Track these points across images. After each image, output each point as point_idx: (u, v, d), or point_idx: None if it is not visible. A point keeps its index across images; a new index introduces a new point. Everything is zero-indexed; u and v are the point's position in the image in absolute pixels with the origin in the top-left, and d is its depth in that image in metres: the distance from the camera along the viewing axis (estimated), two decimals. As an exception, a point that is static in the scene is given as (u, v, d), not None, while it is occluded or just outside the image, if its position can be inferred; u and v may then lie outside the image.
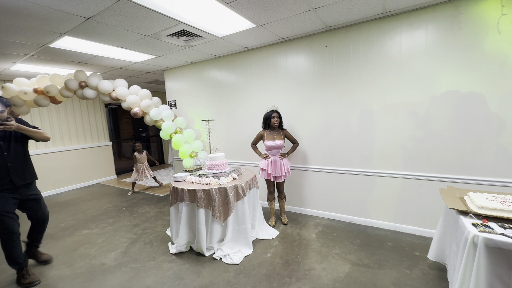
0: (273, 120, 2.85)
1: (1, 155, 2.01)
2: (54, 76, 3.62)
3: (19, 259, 2.13)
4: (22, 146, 2.16)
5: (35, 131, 2.14)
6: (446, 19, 2.29)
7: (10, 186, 2.05)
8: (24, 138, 2.15)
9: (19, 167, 2.11)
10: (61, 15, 2.13)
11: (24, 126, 2.04)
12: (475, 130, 2.30)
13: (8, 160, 2.03)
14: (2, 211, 2.01)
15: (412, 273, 2.07)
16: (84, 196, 4.77)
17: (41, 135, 2.17)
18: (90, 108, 5.68)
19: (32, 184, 2.25)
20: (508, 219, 1.45)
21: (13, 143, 2.08)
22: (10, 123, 1.91)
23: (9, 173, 2.03)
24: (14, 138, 2.09)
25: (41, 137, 2.18)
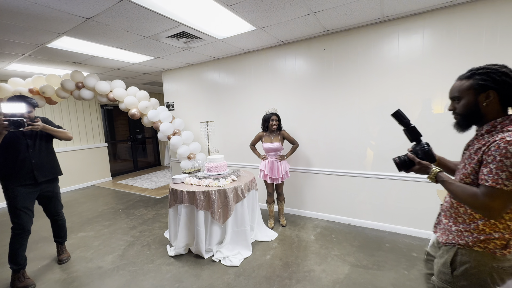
0: (271, 123, 2.86)
1: (26, 152, 2.13)
2: (50, 76, 3.58)
3: (20, 260, 2.14)
4: (46, 144, 2.29)
5: (59, 131, 2.28)
6: (442, 24, 2.35)
7: (32, 182, 2.16)
8: (49, 136, 2.29)
9: (43, 163, 2.23)
10: (61, 15, 2.11)
11: (49, 126, 2.19)
12: (469, 133, 2.35)
13: (32, 156, 2.16)
14: (21, 206, 2.10)
15: (410, 273, 2.09)
16: (79, 198, 4.69)
17: (64, 135, 2.31)
18: (86, 109, 5.61)
19: (53, 181, 2.36)
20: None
21: (38, 141, 2.21)
22: (37, 124, 2.04)
23: (32, 169, 2.15)
24: (39, 137, 2.22)
25: (64, 137, 2.32)
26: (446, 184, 1.02)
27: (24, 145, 2.13)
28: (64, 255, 2.52)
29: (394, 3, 2.19)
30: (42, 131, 2.20)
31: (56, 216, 2.45)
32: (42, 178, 2.21)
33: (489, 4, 2.16)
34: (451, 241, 1.03)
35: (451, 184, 1.00)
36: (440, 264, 1.06)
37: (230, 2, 2.03)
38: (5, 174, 2.08)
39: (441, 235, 1.10)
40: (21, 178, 2.11)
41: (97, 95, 3.74)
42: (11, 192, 2.08)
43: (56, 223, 2.48)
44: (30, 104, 2.07)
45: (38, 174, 2.18)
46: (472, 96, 0.99)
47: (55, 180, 2.39)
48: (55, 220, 2.47)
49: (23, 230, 2.12)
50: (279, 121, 2.92)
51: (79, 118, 5.48)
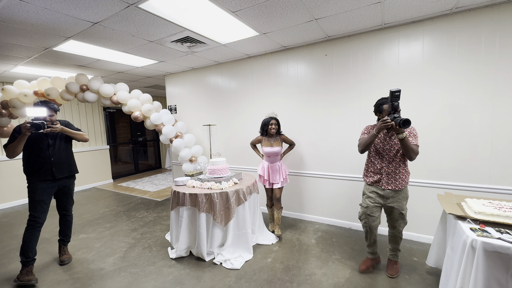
0: (270, 127, 2.81)
1: (47, 151, 2.33)
2: (55, 79, 3.63)
3: (30, 253, 2.23)
4: (65, 144, 2.48)
5: (76, 133, 2.47)
6: (441, 32, 2.39)
7: (51, 178, 2.34)
8: (68, 138, 2.50)
9: (61, 161, 2.40)
10: (69, 19, 2.17)
11: (67, 129, 2.39)
12: (470, 139, 2.38)
13: (52, 154, 2.34)
14: (39, 199, 2.27)
15: (411, 278, 2.10)
16: (80, 200, 4.70)
17: (81, 137, 2.51)
18: (89, 111, 5.66)
19: (69, 178, 2.51)
20: (504, 224, 1.50)
21: (58, 141, 2.41)
22: (56, 126, 2.24)
23: (51, 166, 2.33)
24: (59, 138, 2.43)
25: (80, 138, 2.50)
26: (406, 140, 1.83)
27: (46, 144, 2.33)
28: (66, 256, 2.53)
29: (395, 11, 2.24)
30: (62, 133, 2.41)
31: (65, 211, 2.57)
32: (59, 174, 2.38)
33: (487, 12, 2.21)
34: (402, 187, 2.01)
35: (408, 141, 1.85)
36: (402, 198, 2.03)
37: (234, 8, 2.08)
38: (28, 170, 2.29)
39: (394, 186, 2.00)
40: (42, 174, 2.30)
41: (101, 97, 3.79)
42: (32, 185, 2.28)
43: (65, 219, 2.58)
44: (51, 109, 2.29)
45: (56, 171, 2.36)
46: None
47: (71, 177, 2.55)
48: (64, 216, 2.58)
49: (37, 222, 2.26)
50: (279, 126, 2.89)
51: (82, 120, 5.53)
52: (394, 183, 1.99)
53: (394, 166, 2.00)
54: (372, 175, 2.09)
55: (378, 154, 2.05)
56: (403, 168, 2.00)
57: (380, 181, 2.04)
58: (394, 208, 2.03)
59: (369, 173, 2.11)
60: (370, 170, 2.12)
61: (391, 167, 2.00)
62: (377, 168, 2.06)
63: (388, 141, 2.00)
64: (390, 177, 2.01)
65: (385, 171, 2.02)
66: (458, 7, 2.21)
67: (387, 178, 2.01)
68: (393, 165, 2.00)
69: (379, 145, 2.03)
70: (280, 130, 2.96)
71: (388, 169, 2.01)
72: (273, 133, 2.85)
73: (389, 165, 2.01)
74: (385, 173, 2.02)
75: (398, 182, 1.99)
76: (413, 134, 1.93)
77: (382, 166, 2.03)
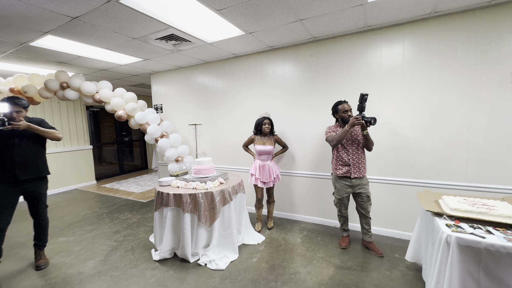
0: (264, 127, 2.91)
1: (11, 150, 2.16)
2: (33, 75, 3.48)
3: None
4: (34, 143, 2.29)
5: (46, 131, 2.26)
6: (421, 35, 2.48)
7: (13, 179, 2.17)
8: (37, 136, 2.29)
9: (26, 162, 2.23)
10: (45, 13, 2.08)
11: (35, 126, 2.18)
12: (447, 138, 2.48)
13: (16, 154, 2.17)
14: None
15: (392, 274, 2.15)
16: (60, 202, 4.52)
17: (51, 135, 2.31)
18: (70, 110, 5.46)
19: (36, 180, 2.33)
20: (477, 219, 1.57)
21: (26, 140, 2.23)
22: (18, 123, 2.06)
23: (14, 166, 2.16)
24: (27, 136, 2.24)
25: (51, 137, 2.32)
26: (368, 136, 2.27)
27: (11, 143, 2.17)
28: (42, 261, 2.41)
29: (377, 13, 2.30)
30: (30, 131, 2.21)
31: (38, 215, 2.41)
32: (23, 176, 2.21)
33: (463, 17, 2.31)
34: (364, 173, 2.41)
35: (369, 136, 2.29)
36: (366, 183, 2.43)
37: (219, 6, 2.07)
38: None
39: (359, 174, 2.39)
40: (3, 175, 2.15)
41: (82, 96, 3.66)
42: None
43: (39, 223, 2.44)
44: (16, 105, 2.13)
45: (20, 172, 2.19)
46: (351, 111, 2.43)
47: (39, 180, 2.36)
48: (38, 220, 2.43)
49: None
50: (272, 125, 2.98)
51: (63, 119, 5.32)
52: (359, 171, 2.40)
53: (357, 157, 2.40)
54: (341, 167, 2.45)
55: (344, 148, 2.43)
56: (363, 158, 2.43)
57: (349, 171, 2.41)
58: (362, 193, 2.42)
59: (339, 166, 2.46)
60: (339, 163, 2.46)
61: (355, 158, 2.40)
62: (345, 160, 2.41)
63: (351, 136, 2.40)
64: (355, 167, 2.39)
65: (352, 162, 2.39)
66: (436, 11, 2.29)
67: (354, 168, 2.39)
68: (356, 156, 2.40)
69: (344, 140, 2.40)
70: (273, 130, 3.03)
71: (354, 160, 2.39)
72: (266, 132, 2.93)
73: (353, 157, 2.40)
74: (352, 164, 2.39)
75: (361, 170, 2.41)
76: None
77: (349, 158, 2.40)
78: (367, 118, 2.15)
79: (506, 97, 2.23)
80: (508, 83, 2.21)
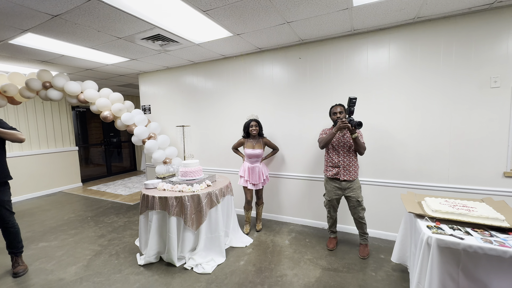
0: (251, 129, 2.89)
1: None
2: (13, 74, 3.36)
3: None
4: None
5: (7, 132, 2.12)
6: (405, 39, 2.53)
7: None
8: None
9: None
10: (24, 10, 2.00)
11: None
12: (431, 141, 2.53)
13: None
14: None
15: (377, 275, 2.17)
16: (43, 205, 4.37)
17: (13, 136, 2.15)
18: (55, 110, 5.29)
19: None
20: (457, 221, 1.60)
21: None
22: None
23: None
24: None
25: (12, 138, 2.16)
26: (358, 139, 2.25)
27: None
28: (20, 267, 2.31)
29: (362, 17, 2.33)
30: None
31: (5, 224, 2.27)
32: None
33: (445, 22, 2.37)
34: (355, 177, 2.40)
35: (359, 139, 2.27)
36: (356, 188, 2.40)
37: (205, 7, 2.05)
38: None
39: (349, 177, 2.38)
40: None
41: (66, 96, 3.56)
42: None
43: (8, 231, 2.30)
44: None
45: None
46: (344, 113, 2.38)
47: (1, 186, 2.22)
48: (6, 229, 2.29)
49: None
50: (259, 127, 2.95)
51: (47, 119, 5.15)
52: (349, 174, 2.39)
53: (348, 160, 2.40)
54: (331, 169, 2.46)
55: (334, 150, 2.44)
56: (354, 161, 2.42)
57: (338, 173, 2.42)
58: (351, 197, 2.41)
59: (329, 168, 2.48)
60: (329, 165, 2.48)
61: (346, 161, 2.40)
62: (334, 162, 2.43)
63: (342, 139, 2.41)
64: (345, 170, 2.40)
65: (342, 164, 2.40)
66: (420, 17, 2.34)
67: (343, 171, 2.40)
68: (347, 159, 2.40)
69: (335, 142, 2.43)
70: (262, 132, 3.00)
71: (344, 162, 2.40)
72: (254, 134, 2.90)
73: (344, 159, 2.40)
74: (341, 166, 2.40)
75: (351, 173, 2.40)
76: (360, 134, 2.38)
77: (339, 160, 2.42)
78: (354, 121, 2.16)
79: (486, 101, 2.30)
80: (488, 88, 2.28)
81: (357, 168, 2.43)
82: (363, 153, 2.36)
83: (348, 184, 2.40)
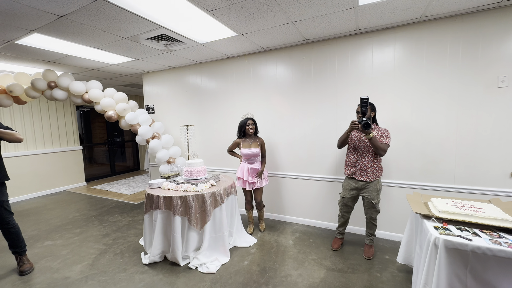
0: (248, 128, 2.83)
1: None
2: (19, 74, 3.39)
3: None
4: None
5: (5, 132, 2.09)
6: (411, 38, 2.51)
7: None
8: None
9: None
10: (30, 11, 2.02)
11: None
12: (437, 142, 2.51)
13: None
14: None
15: (382, 276, 2.16)
16: (48, 204, 4.41)
17: (11, 136, 2.11)
18: (60, 110, 5.33)
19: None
20: (464, 222, 1.58)
21: None
22: None
23: None
24: None
25: (11, 138, 2.12)
26: (374, 140, 2.16)
27: None
28: (26, 266, 2.33)
29: (368, 16, 2.31)
30: None
31: (5, 224, 2.25)
32: None
33: (452, 21, 2.35)
34: (373, 179, 2.31)
35: (376, 140, 2.17)
36: (373, 190, 2.32)
37: (210, 7, 2.04)
38: None
39: (366, 178, 2.31)
40: None
41: (71, 95, 3.58)
42: None
43: (8, 232, 2.28)
44: None
45: None
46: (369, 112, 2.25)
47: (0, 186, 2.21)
48: (6, 229, 2.27)
49: None
50: (256, 126, 2.90)
51: (52, 119, 5.19)
52: (366, 175, 2.32)
53: (366, 160, 2.32)
54: (349, 168, 2.42)
55: (354, 149, 2.39)
56: (374, 162, 2.31)
57: (355, 173, 2.37)
58: (366, 198, 2.37)
59: (347, 167, 2.44)
60: (348, 164, 2.44)
61: (364, 161, 2.33)
62: (352, 162, 2.39)
63: (362, 138, 2.33)
64: (362, 170, 2.33)
65: (359, 165, 2.34)
66: (426, 16, 2.32)
67: (360, 171, 2.34)
68: (365, 159, 2.32)
69: (356, 142, 2.38)
70: (258, 131, 2.95)
71: (362, 162, 2.33)
72: (251, 133, 2.85)
73: (362, 159, 2.33)
74: (359, 166, 2.35)
75: (369, 174, 2.31)
76: (384, 134, 2.26)
77: (356, 160, 2.36)
78: (362, 123, 2.10)
79: (493, 100, 2.28)
80: (495, 87, 2.26)
81: (376, 169, 2.30)
82: (382, 154, 2.22)
83: (365, 185, 2.34)
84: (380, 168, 2.34)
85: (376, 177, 2.31)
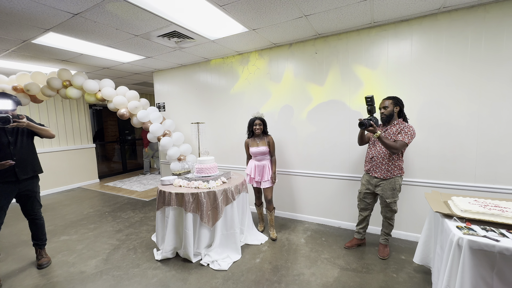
0: (255, 128, 2.77)
1: (8, 149, 2.13)
2: (35, 73, 3.47)
3: None
4: (27, 141, 2.28)
5: (42, 129, 2.28)
6: (429, 31, 2.40)
7: (14, 179, 2.16)
8: (30, 134, 2.29)
9: (24, 161, 2.22)
10: (46, 9, 2.05)
11: (33, 124, 2.21)
12: (456, 138, 2.41)
13: (14, 154, 2.15)
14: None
15: (399, 276, 2.10)
16: (64, 200, 4.53)
17: (46, 132, 2.31)
18: (73, 109, 5.46)
19: (33, 178, 2.32)
20: (490, 221, 1.51)
21: (20, 138, 2.21)
22: (22, 121, 2.06)
23: (14, 166, 2.13)
24: (21, 134, 2.22)
25: (46, 134, 2.31)
26: (382, 138, 2.11)
27: (6, 142, 2.13)
28: (44, 259, 2.40)
29: (384, 9, 2.23)
30: (24, 129, 2.22)
31: (33, 215, 2.38)
32: (23, 175, 2.20)
33: (474, 11, 2.23)
34: (387, 176, 2.25)
35: (385, 138, 2.13)
36: (387, 188, 2.25)
37: (222, 2, 2.02)
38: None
39: (380, 175, 2.27)
40: (2, 175, 2.10)
41: (85, 94, 3.65)
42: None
43: (34, 223, 2.40)
44: (14, 102, 2.11)
45: (20, 171, 2.18)
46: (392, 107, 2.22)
47: (35, 178, 2.36)
48: (33, 220, 2.39)
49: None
50: (264, 125, 2.82)
51: (66, 117, 5.32)
52: (380, 172, 2.28)
53: (381, 157, 2.28)
54: (366, 164, 2.43)
55: (373, 146, 2.36)
56: (390, 160, 2.24)
57: (370, 169, 2.36)
58: (380, 195, 2.33)
59: (366, 162, 2.45)
60: (366, 160, 2.44)
61: (379, 158, 2.29)
62: (369, 158, 2.38)
63: None
64: (377, 167, 2.30)
65: (375, 161, 2.32)
66: (446, 6, 2.22)
67: (374, 167, 2.32)
68: (380, 156, 2.28)
69: (372, 138, 2.38)
70: (266, 130, 2.88)
71: (377, 159, 2.30)
72: (258, 133, 2.79)
73: (377, 156, 2.30)
74: (374, 162, 2.32)
75: (383, 172, 2.26)
76: (404, 131, 2.16)
77: (372, 156, 2.34)
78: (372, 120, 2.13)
79: (518, 95, 2.16)
80: (521, 81, 2.14)
81: (392, 167, 2.22)
82: (393, 151, 2.15)
83: (379, 182, 2.30)
84: (398, 166, 2.23)
85: (391, 175, 2.23)
